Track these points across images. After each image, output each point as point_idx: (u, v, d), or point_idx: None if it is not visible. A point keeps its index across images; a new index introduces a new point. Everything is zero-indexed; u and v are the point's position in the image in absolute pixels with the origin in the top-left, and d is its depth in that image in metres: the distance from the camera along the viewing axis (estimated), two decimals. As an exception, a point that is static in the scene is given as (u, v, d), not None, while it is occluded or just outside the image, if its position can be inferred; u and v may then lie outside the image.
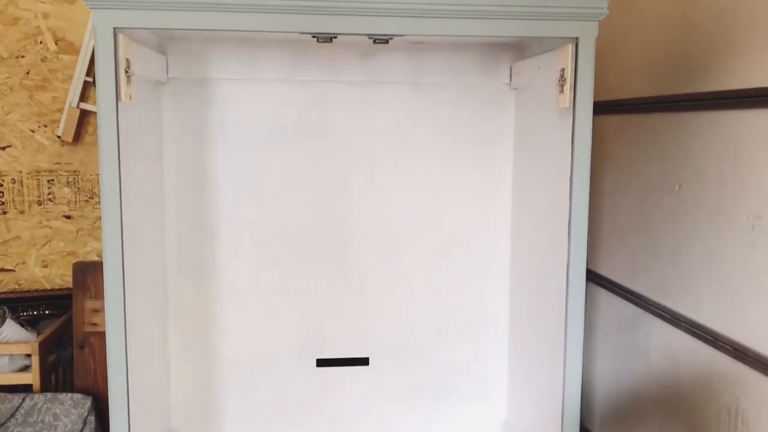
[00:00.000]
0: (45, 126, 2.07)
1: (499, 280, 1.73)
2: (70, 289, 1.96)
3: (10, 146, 2.07)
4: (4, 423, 1.74)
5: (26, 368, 1.87)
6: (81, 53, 2.02)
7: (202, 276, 1.64)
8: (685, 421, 1.34)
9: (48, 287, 2.13)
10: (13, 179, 2.08)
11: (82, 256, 2.13)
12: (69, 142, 2.06)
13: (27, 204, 2.09)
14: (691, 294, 1.33)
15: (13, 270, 2.12)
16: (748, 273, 1.17)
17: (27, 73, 2.04)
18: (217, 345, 1.67)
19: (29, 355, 1.84)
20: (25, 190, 2.09)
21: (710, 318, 1.27)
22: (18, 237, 2.10)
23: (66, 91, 2.04)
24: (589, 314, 1.74)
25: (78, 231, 2.12)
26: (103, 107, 1.19)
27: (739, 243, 1.19)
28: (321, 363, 1.70)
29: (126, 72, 1.21)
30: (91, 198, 2.11)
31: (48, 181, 2.09)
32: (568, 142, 1.31)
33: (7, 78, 2.04)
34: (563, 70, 1.29)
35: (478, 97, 1.66)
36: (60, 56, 2.05)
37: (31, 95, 2.05)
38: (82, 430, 1.79)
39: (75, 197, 2.11)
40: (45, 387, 1.87)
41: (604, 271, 1.69)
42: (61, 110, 2.05)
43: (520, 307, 1.66)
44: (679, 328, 1.36)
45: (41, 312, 2.07)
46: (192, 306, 1.64)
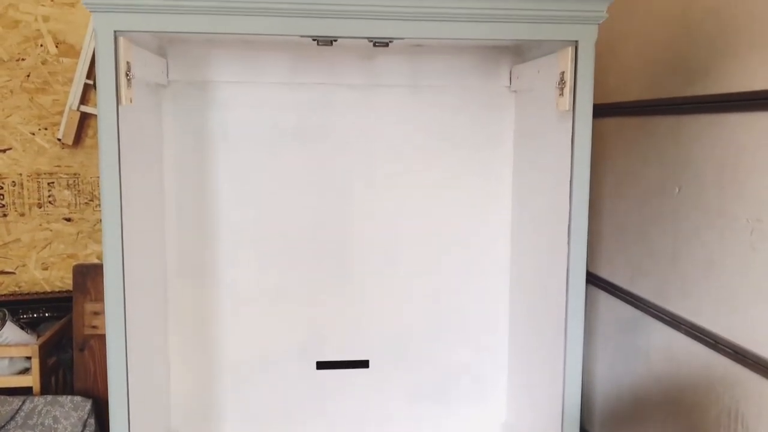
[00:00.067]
0: (45, 129, 2.07)
1: (499, 283, 1.73)
2: (70, 292, 1.96)
3: (11, 149, 2.07)
4: (4, 426, 1.74)
5: (26, 371, 1.87)
6: (81, 56, 2.02)
7: (203, 278, 1.64)
8: (685, 424, 1.34)
9: (48, 290, 2.13)
10: (14, 182, 2.08)
11: (83, 259, 2.13)
12: (69, 145, 2.06)
13: (27, 207, 2.09)
14: (691, 297, 1.33)
15: (14, 272, 2.12)
16: (748, 276, 1.17)
17: (27, 76, 2.05)
18: (217, 347, 1.67)
19: (29, 358, 1.84)
20: (26, 193, 2.09)
21: (710, 321, 1.27)
22: (18, 239, 2.10)
23: (66, 94, 2.04)
24: (589, 317, 1.74)
25: (78, 233, 2.12)
26: (104, 110, 1.19)
27: (739, 246, 1.19)
28: (321, 365, 1.70)
29: (126, 75, 1.21)
30: (92, 200, 2.11)
31: (48, 184, 2.09)
32: (568, 145, 1.31)
33: (8, 81, 2.04)
34: (563, 73, 1.29)
35: (478, 100, 1.66)
36: (60, 59, 2.05)
37: (32, 98, 2.06)
38: (82, 433, 1.79)
39: (75, 200, 2.11)
40: (45, 390, 1.87)
41: (604, 274, 1.69)
42: (62, 113, 2.05)
43: (520, 310, 1.66)
44: (679, 331, 1.36)
45: (41, 314, 2.07)
46: (192, 308, 1.64)
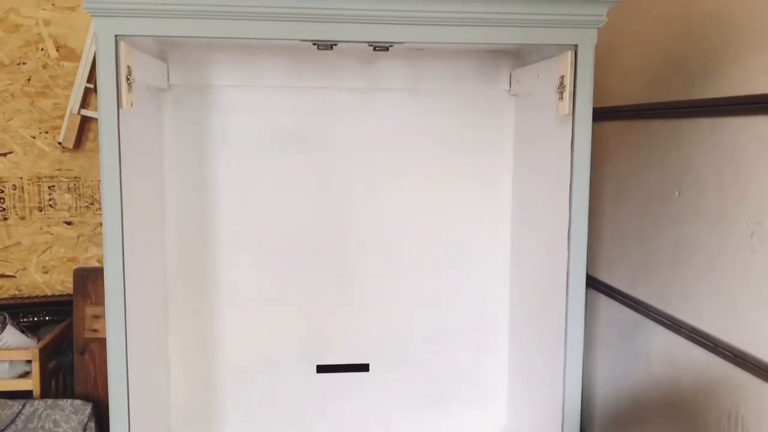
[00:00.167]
0: (46, 132, 2.08)
1: (499, 287, 1.73)
2: (71, 295, 1.96)
3: (12, 152, 2.07)
4: (4, 429, 1.74)
5: (26, 374, 1.87)
6: (82, 60, 2.02)
7: (203, 282, 1.64)
8: (686, 427, 1.34)
9: (48, 293, 2.13)
10: (14, 185, 2.08)
11: (83, 262, 2.13)
12: (70, 149, 2.06)
13: (28, 210, 2.10)
14: (692, 300, 1.33)
15: (14, 276, 2.12)
16: (748, 279, 1.17)
17: (28, 80, 2.05)
18: (217, 351, 1.67)
19: (29, 362, 1.84)
20: (26, 196, 2.09)
21: (710, 324, 1.27)
22: (19, 243, 2.10)
23: (67, 98, 2.05)
24: (589, 320, 1.74)
25: (78, 237, 2.13)
26: (105, 114, 1.20)
27: (739, 249, 1.19)
28: (321, 369, 1.70)
29: (127, 79, 1.21)
30: (92, 204, 2.12)
31: (49, 187, 2.10)
32: (568, 149, 1.31)
33: (9, 85, 2.04)
34: (562, 77, 1.29)
35: (478, 104, 1.66)
36: (61, 63, 2.06)
37: (32, 102, 2.06)
38: (82, 437, 1.79)
39: (76, 203, 2.11)
40: (45, 393, 1.87)
41: (605, 277, 1.69)
42: (62, 117, 2.05)
43: (520, 313, 1.66)
44: (680, 334, 1.36)
45: (41, 318, 2.07)
46: (192, 312, 1.64)
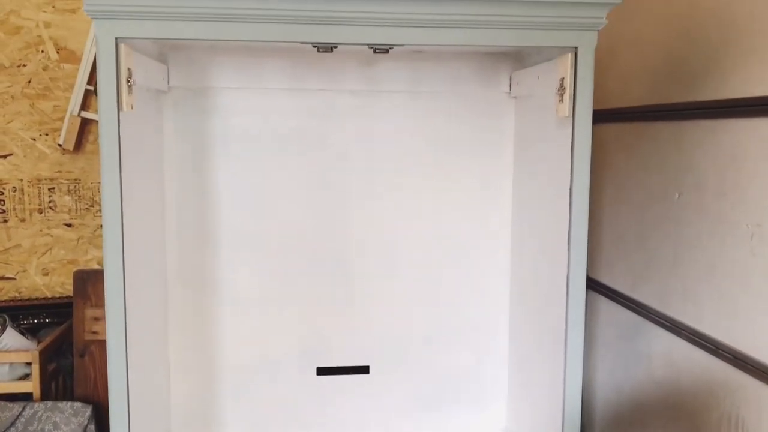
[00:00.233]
0: (46, 134, 2.08)
1: (500, 288, 1.73)
2: (71, 298, 1.96)
3: (12, 154, 2.07)
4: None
5: (26, 377, 1.87)
6: (82, 62, 2.02)
7: (203, 284, 1.64)
8: (686, 430, 1.34)
9: (48, 295, 2.13)
10: (14, 187, 2.08)
11: (83, 264, 2.14)
12: (70, 151, 2.07)
13: (28, 212, 2.10)
14: (692, 302, 1.33)
15: (14, 278, 2.12)
16: (749, 281, 1.17)
17: (28, 82, 2.05)
18: (217, 353, 1.67)
19: (29, 364, 1.84)
20: (26, 199, 2.09)
21: (711, 326, 1.27)
22: (18, 245, 2.10)
23: (67, 100, 2.05)
24: (590, 322, 1.74)
25: (79, 239, 2.13)
26: (105, 117, 1.20)
27: (739, 251, 1.19)
28: (321, 371, 1.70)
29: (127, 82, 1.21)
30: (92, 206, 2.12)
31: (49, 190, 2.10)
32: (568, 151, 1.31)
33: (9, 87, 2.05)
34: (563, 80, 1.29)
35: (478, 106, 1.66)
36: (61, 65, 2.06)
37: (33, 104, 2.06)
38: (82, 439, 1.79)
39: (76, 205, 2.11)
40: (45, 395, 1.87)
41: (605, 279, 1.69)
42: (63, 119, 2.05)
43: (521, 316, 1.66)
44: (680, 337, 1.36)
45: (41, 320, 2.07)
46: (192, 314, 1.64)
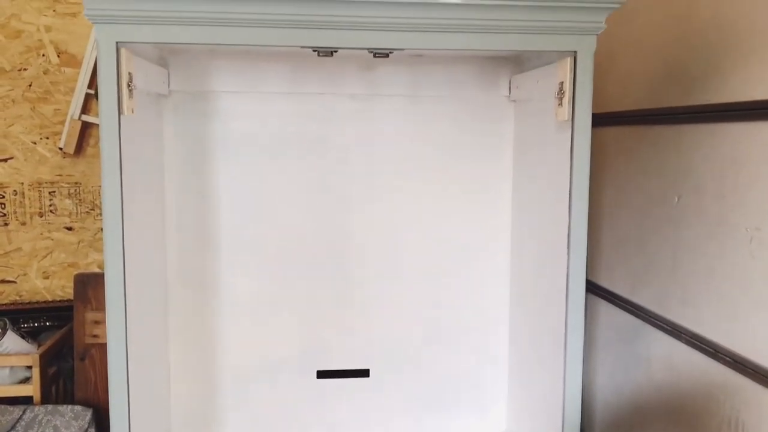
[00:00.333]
0: (47, 138, 2.08)
1: (499, 292, 1.73)
2: (71, 301, 1.96)
3: (12, 158, 2.08)
4: (5, 435, 1.74)
5: (27, 380, 1.87)
6: (83, 66, 2.03)
7: (203, 287, 1.64)
8: (686, 433, 1.34)
9: (49, 299, 2.13)
10: (15, 191, 2.09)
11: (83, 268, 2.14)
12: (71, 154, 2.07)
13: (28, 215, 2.10)
14: (692, 306, 1.33)
15: (14, 281, 2.12)
16: (748, 285, 1.17)
17: (29, 86, 2.06)
18: (218, 356, 1.67)
19: (30, 367, 1.84)
20: (27, 202, 2.09)
21: (710, 329, 1.27)
22: (19, 248, 2.11)
23: (68, 104, 2.05)
24: (590, 326, 1.74)
25: (79, 242, 2.13)
26: (105, 121, 1.20)
27: (739, 255, 1.19)
28: (321, 374, 1.70)
29: (128, 86, 1.22)
30: (93, 209, 2.12)
31: (49, 193, 2.10)
32: (567, 155, 1.31)
33: (10, 90, 2.05)
34: (562, 84, 1.30)
35: (478, 110, 1.67)
36: (62, 69, 2.06)
37: (33, 107, 2.07)
38: (83, 442, 1.79)
39: (76, 209, 2.12)
40: (45, 399, 1.87)
41: (605, 283, 1.69)
42: (63, 122, 2.06)
43: (520, 318, 1.66)
44: (680, 340, 1.36)
45: (42, 324, 2.07)
46: (193, 317, 1.65)
